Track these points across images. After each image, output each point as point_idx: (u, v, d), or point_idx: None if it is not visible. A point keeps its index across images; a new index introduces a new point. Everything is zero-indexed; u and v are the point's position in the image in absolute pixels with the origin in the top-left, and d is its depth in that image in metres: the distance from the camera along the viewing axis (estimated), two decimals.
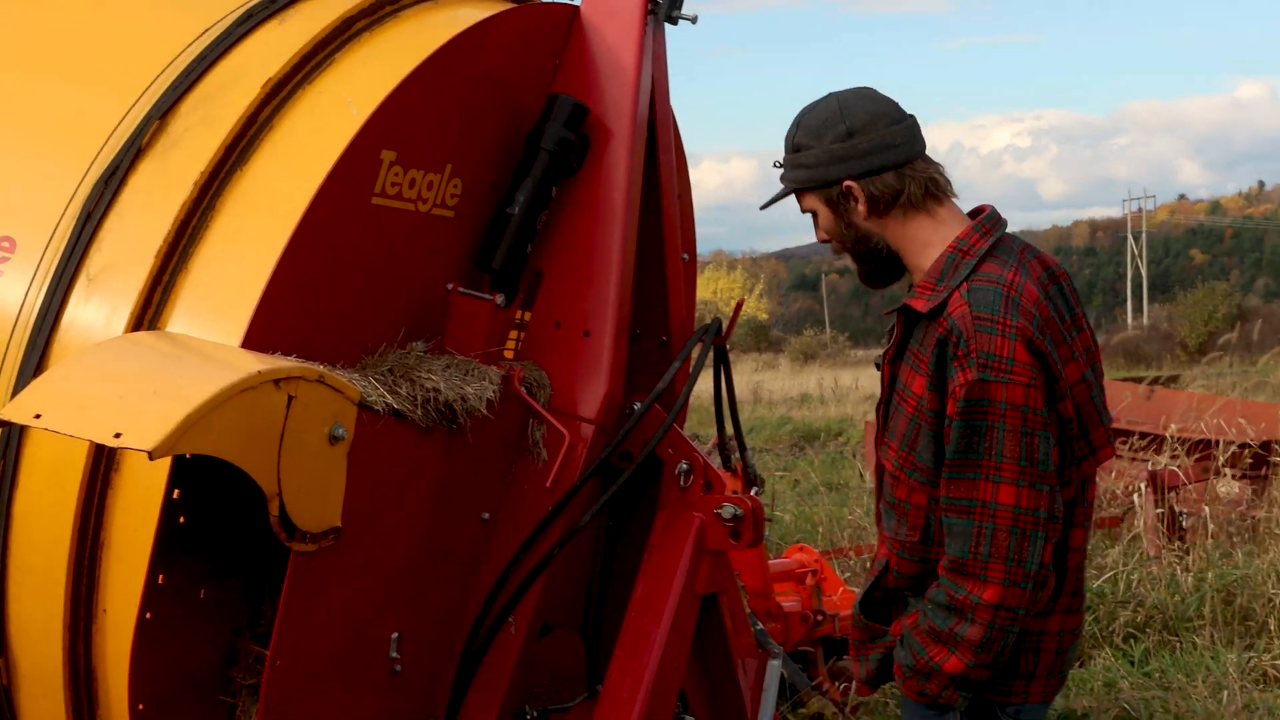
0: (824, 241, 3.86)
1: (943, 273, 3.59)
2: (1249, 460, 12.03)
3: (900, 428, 3.62)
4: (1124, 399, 14.31)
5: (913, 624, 3.61)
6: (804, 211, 3.84)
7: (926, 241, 3.68)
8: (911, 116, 3.79)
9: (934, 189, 3.71)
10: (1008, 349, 3.43)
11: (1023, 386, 3.42)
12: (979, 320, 3.46)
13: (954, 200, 3.78)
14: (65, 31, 4.26)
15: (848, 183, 3.68)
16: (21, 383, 3.59)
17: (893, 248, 3.73)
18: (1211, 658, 8.58)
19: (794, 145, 3.77)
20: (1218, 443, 11.90)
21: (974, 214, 3.77)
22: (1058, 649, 3.72)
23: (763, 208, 4.01)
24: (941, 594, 3.52)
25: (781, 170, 3.84)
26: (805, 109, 3.80)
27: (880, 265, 3.78)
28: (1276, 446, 11.72)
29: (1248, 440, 12.04)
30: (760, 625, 5.52)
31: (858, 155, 3.68)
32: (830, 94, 3.81)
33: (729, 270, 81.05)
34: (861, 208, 3.69)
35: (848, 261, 3.87)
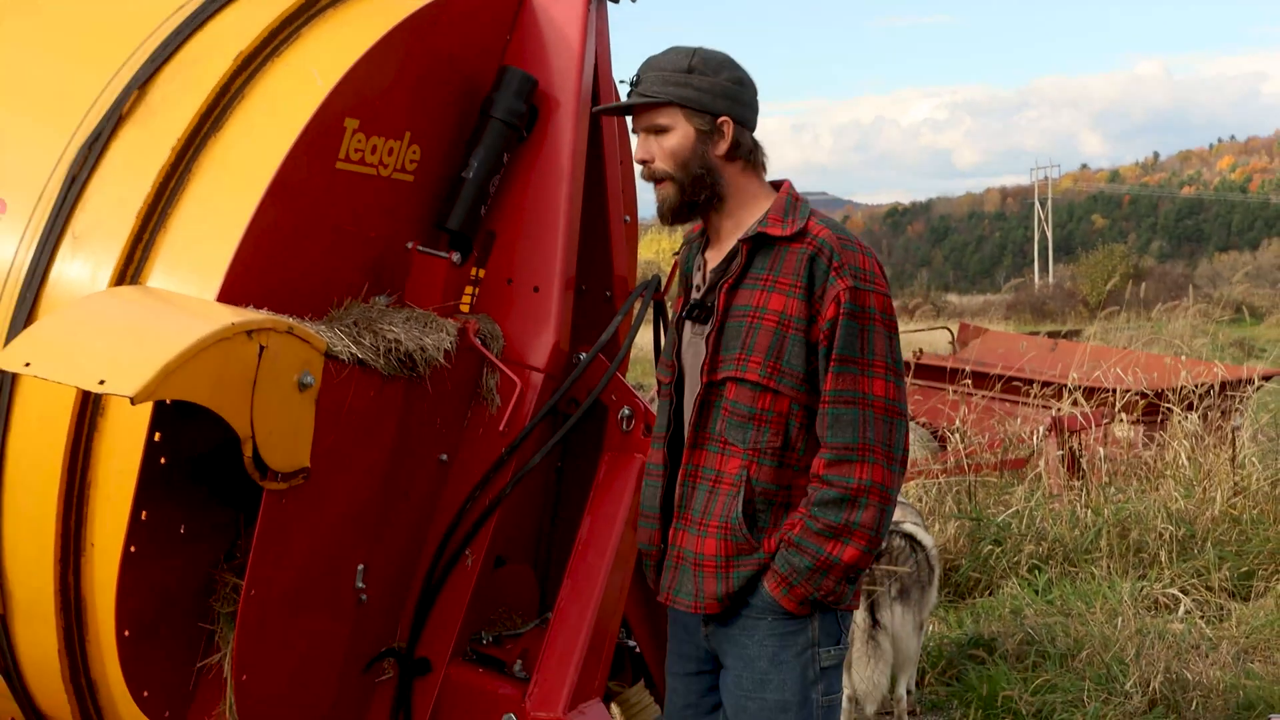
0: (644, 161, 3.79)
1: (786, 210, 3.73)
2: (1143, 407, 12.17)
3: (761, 342, 3.64)
4: (1030, 351, 14.44)
5: (800, 530, 3.60)
6: (650, 128, 3.77)
7: (754, 194, 3.80)
8: None
9: (764, 161, 3.88)
10: (869, 264, 3.66)
11: (884, 295, 3.67)
12: (843, 240, 3.67)
13: None
14: (50, 8, 4.23)
15: (725, 118, 3.74)
16: (12, 334, 3.59)
17: (723, 190, 3.78)
18: (1108, 586, 8.70)
19: (689, 66, 3.75)
20: (1114, 390, 12.03)
21: (775, 184, 3.90)
22: None
23: (601, 111, 4.08)
24: (830, 491, 3.57)
25: (641, 84, 3.77)
26: (693, 47, 3.82)
27: (698, 202, 3.78)
28: (1169, 394, 11.85)
29: (1144, 389, 12.19)
30: None
31: (741, 102, 3.78)
32: (710, 48, 3.88)
33: (670, 232, 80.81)
34: (724, 146, 3.75)
35: (660, 189, 3.79)
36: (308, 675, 3.96)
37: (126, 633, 3.58)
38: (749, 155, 3.80)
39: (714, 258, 3.84)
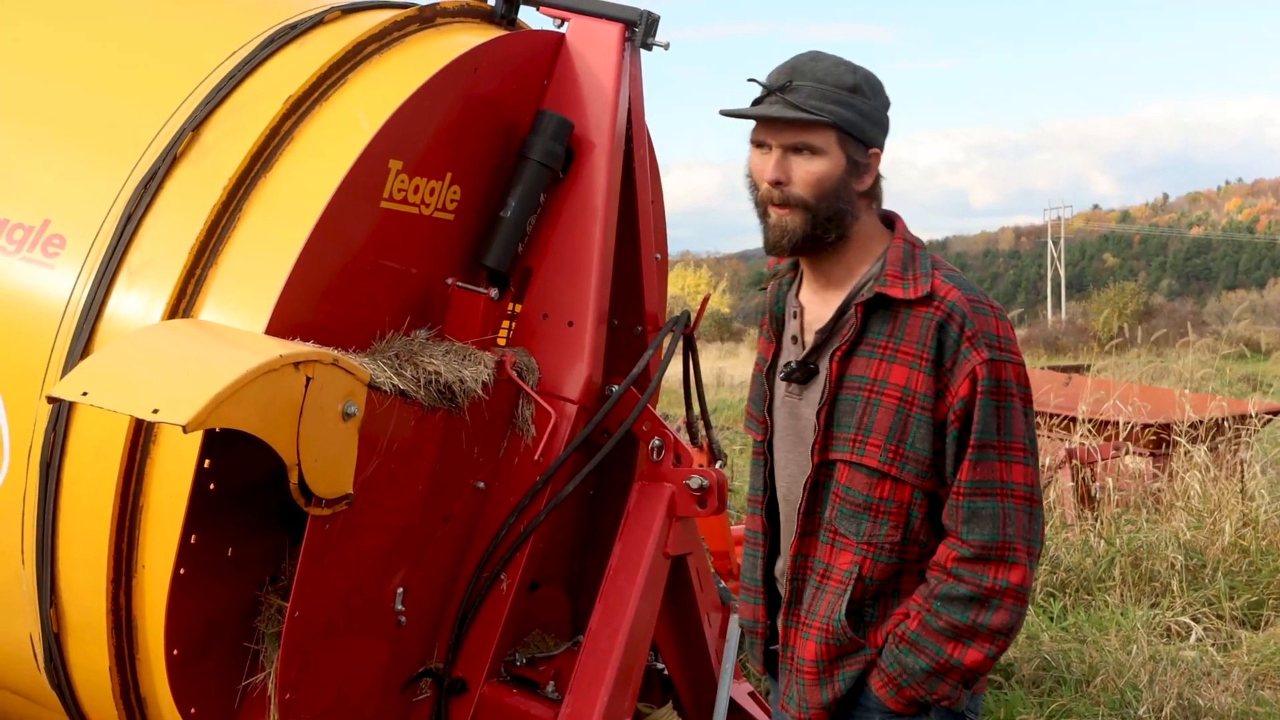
0: (778, 182, 3.12)
1: (903, 263, 3.16)
2: (1150, 438, 12.09)
3: (882, 422, 3.09)
4: (1044, 385, 14.38)
5: (918, 626, 3.08)
6: (797, 145, 3.12)
7: (871, 234, 3.25)
8: None
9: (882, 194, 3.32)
10: (1003, 330, 3.10)
11: (1020, 365, 3.11)
12: (974, 303, 3.09)
13: None
14: (110, 52, 4.25)
15: (876, 150, 3.19)
16: (70, 364, 3.59)
17: (850, 229, 3.19)
18: (1121, 614, 8.63)
19: (853, 85, 3.13)
20: (1117, 422, 11.96)
21: (883, 216, 3.34)
22: None
23: (735, 115, 3.20)
24: (960, 587, 3.04)
25: (793, 93, 3.11)
26: (850, 62, 3.18)
27: (824, 239, 3.17)
28: (1175, 426, 11.77)
29: (1149, 421, 12.11)
30: (723, 583, 5.54)
31: (887, 132, 3.24)
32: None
33: (695, 269, 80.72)
34: (868, 181, 3.19)
35: (780, 214, 3.15)
36: (348, 694, 3.94)
37: (175, 652, 3.57)
38: (878, 191, 3.25)
39: (814, 305, 3.30)
